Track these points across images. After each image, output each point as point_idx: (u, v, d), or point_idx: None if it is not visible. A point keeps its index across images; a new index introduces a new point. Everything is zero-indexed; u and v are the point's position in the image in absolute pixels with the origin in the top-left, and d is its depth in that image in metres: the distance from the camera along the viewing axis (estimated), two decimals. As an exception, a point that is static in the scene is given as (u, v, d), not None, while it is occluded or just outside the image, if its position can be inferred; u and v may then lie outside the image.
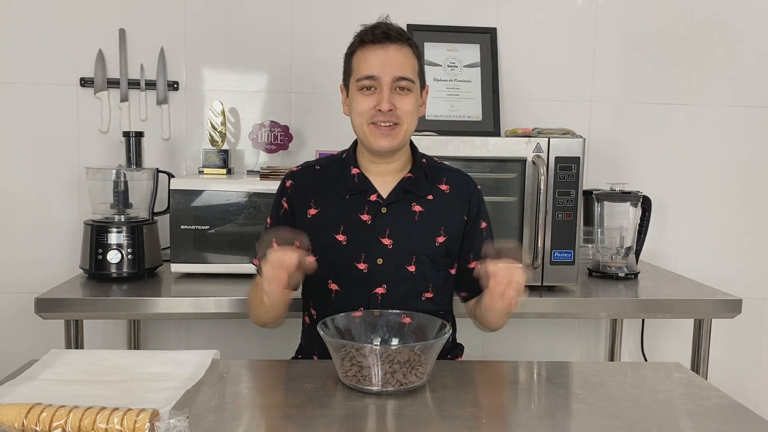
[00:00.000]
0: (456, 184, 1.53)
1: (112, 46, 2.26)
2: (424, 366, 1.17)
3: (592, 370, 1.38)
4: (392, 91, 1.41)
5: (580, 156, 1.88)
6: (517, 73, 2.40)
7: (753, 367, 2.58)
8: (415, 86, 1.44)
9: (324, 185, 1.50)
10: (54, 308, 1.75)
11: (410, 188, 1.48)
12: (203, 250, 1.92)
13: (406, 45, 1.43)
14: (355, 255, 1.45)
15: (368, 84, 1.41)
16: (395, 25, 1.45)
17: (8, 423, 0.95)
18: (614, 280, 2.08)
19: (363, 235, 1.45)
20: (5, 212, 2.27)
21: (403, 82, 1.41)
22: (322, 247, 1.46)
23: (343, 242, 1.46)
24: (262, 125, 2.25)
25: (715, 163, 2.50)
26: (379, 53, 1.40)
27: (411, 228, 1.47)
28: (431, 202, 1.49)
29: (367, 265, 1.45)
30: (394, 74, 1.40)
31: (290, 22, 2.32)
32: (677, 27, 2.44)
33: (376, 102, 1.41)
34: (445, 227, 1.49)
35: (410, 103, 1.43)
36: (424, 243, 1.48)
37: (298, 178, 1.53)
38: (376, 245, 1.45)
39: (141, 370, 1.23)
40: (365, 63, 1.41)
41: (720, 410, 1.14)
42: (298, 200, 1.50)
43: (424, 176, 1.51)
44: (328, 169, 1.53)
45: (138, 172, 2.03)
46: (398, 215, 1.47)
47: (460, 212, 1.52)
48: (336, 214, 1.47)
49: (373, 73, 1.40)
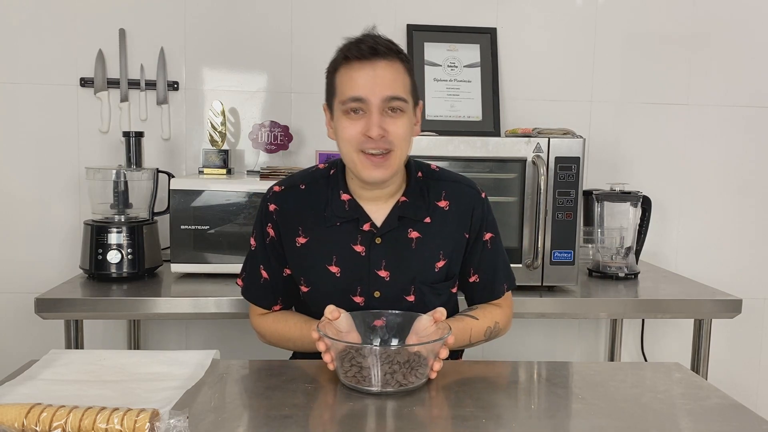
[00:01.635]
0: (456, 200, 1.40)
1: (112, 46, 2.26)
2: (423, 366, 1.17)
3: (592, 370, 1.38)
4: (382, 114, 1.26)
5: (580, 156, 1.88)
6: (517, 73, 2.40)
7: (753, 367, 2.58)
8: (408, 106, 1.30)
9: (312, 210, 1.38)
10: (54, 308, 1.75)
11: (405, 214, 1.37)
12: (203, 250, 1.92)
13: (396, 60, 1.28)
14: (351, 288, 1.37)
15: (355, 107, 1.26)
16: (384, 38, 1.30)
17: (8, 423, 0.95)
18: (614, 280, 2.08)
19: (358, 268, 1.36)
20: (5, 212, 2.27)
21: (395, 102, 1.26)
22: (315, 279, 1.40)
23: (337, 274, 1.37)
24: (262, 125, 2.25)
25: (715, 163, 2.50)
26: (366, 71, 1.25)
27: (408, 256, 1.37)
28: (428, 226, 1.38)
29: (363, 298, 1.37)
30: (384, 94, 1.25)
31: (290, 23, 2.32)
32: (677, 27, 2.44)
33: (365, 127, 1.26)
34: (444, 250, 1.39)
35: (403, 126, 1.28)
36: (423, 270, 1.39)
37: (282, 203, 1.40)
38: (373, 278, 1.36)
39: (141, 370, 1.23)
40: (351, 83, 1.26)
41: (720, 410, 1.14)
42: (285, 228, 1.40)
43: (420, 197, 1.38)
44: (315, 189, 1.40)
45: (138, 172, 2.03)
46: (394, 244, 1.37)
47: (461, 230, 1.41)
48: (327, 244, 1.37)
49: (361, 94, 1.25)
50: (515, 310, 1.88)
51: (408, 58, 1.33)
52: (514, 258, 1.91)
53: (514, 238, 1.91)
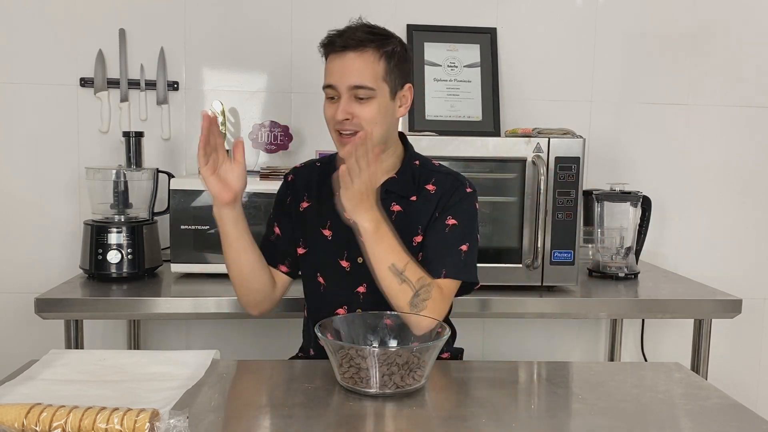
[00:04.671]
0: (442, 185, 1.49)
1: (112, 46, 2.26)
2: (422, 369, 1.17)
3: (592, 370, 1.38)
4: (351, 100, 1.40)
5: (580, 156, 1.88)
6: (517, 73, 2.40)
7: (753, 367, 2.58)
8: (378, 92, 1.40)
9: (318, 181, 1.53)
10: (54, 308, 1.75)
11: (392, 189, 1.47)
12: (203, 250, 1.92)
13: (369, 50, 1.40)
14: (339, 252, 1.48)
15: (330, 93, 1.43)
16: (364, 27, 1.44)
17: (8, 423, 0.95)
18: (614, 280, 2.08)
19: (345, 233, 1.44)
20: (5, 212, 2.27)
21: (360, 90, 1.39)
22: (312, 240, 1.51)
23: (328, 237, 1.49)
24: (262, 125, 2.25)
25: (715, 163, 2.50)
26: (336, 62, 1.41)
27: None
28: (413, 203, 1.47)
29: (349, 263, 1.47)
30: (349, 83, 1.39)
31: (290, 23, 2.32)
32: (677, 27, 2.44)
33: (336, 111, 1.41)
34: (422, 226, 1.47)
35: (370, 110, 1.40)
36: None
37: (297, 174, 1.58)
38: (357, 244, 1.40)
39: (141, 370, 1.23)
40: (327, 72, 1.43)
41: (720, 410, 1.14)
42: (295, 194, 1.55)
43: (410, 179, 1.48)
44: (327, 166, 1.54)
45: (138, 172, 2.03)
46: None
47: (438, 209, 1.47)
48: (324, 210, 1.49)
49: (332, 82, 1.41)
50: (515, 310, 1.89)
51: (393, 44, 1.44)
52: (514, 258, 1.91)
53: (514, 238, 1.91)
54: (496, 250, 1.92)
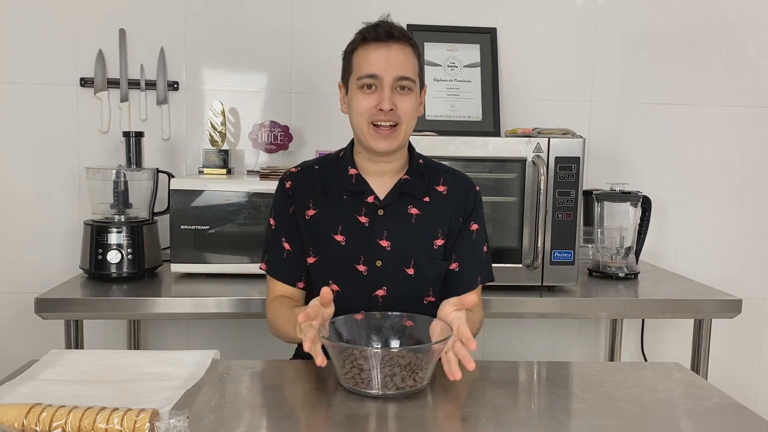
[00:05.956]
0: (454, 186, 1.52)
1: (112, 46, 2.26)
2: (424, 370, 1.16)
3: (592, 370, 1.38)
4: (393, 91, 1.40)
5: (580, 156, 1.88)
6: (517, 73, 2.40)
7: (753, 367, 2.58)
8: (416, 86, 1.44)
9: (322, 186, 1.50)
10: (54, 308, 1.75)
11: (407, 190, 1.48)
12: (203, 250, 1.92)
13: (407, 44, 1.43)
14: (354, 256, 1.46)
15: (369, 83, 1.40)
16: (397, 24, 1.45)
17: (8, 423, 0.95)
18: (614, 280, 2.08)
19: (361, 237, 1.45)
20: (5, 212, 2.27)
21: (405, 81, 1.40)
22: (322, 248, 1.47)
23: (342, 242, 1.46)
24: (262, 125, 2.25)
25: (715, 163, 2.50)
26: (381, 51, 1.39)
27: (408, 231, 1.47)
28: (427, 205, 1.49)
29: (366, 267, 1.46)
30: (396, 74, 1.39)
31: (290, 22, 2.32)
32: (677, 27, 2.44)
33: (377, 101, 1.40)
34: (442, 230, 1.49)
35: (411, 103, 1.42)
36: (422, 246, 1.48)
37: (296, 180, 1.52)
38: (375, 247, 1.45)
39: (141, 370, 1.22)
40: (367, 61, 1.40)
41: (720, 410, 1.14)
42: (298, 202, 1.50)
43: (420, 178, 1.50)
44: (326, 168, 1.52)
45: (138, 172, 2.03)
46: (395, 217, 1.47)
47: (457, 214, 1.51)
48: (334, 214, 1.47)
49: (375, 71, 1.39)
50: (515, 310, 1.89)
51: (417, 45, 1.47)
52: (514, 258, 1.91)
53: (514, 238, 1.91)
54: (496, 250, 1.91)
